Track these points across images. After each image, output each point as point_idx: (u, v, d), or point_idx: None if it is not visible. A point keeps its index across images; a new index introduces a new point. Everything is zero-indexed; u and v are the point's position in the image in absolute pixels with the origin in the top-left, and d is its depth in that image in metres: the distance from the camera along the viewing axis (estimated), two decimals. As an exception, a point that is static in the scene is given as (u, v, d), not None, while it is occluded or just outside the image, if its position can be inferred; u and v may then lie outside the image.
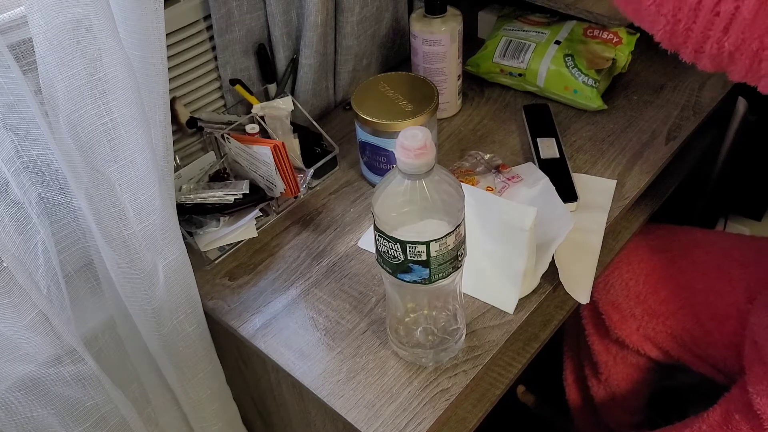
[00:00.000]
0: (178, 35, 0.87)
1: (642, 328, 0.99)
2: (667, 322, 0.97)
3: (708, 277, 0.94)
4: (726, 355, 0.92)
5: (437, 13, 0.97)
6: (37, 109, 0.62)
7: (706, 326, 0.93)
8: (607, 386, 1.10)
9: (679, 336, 0.96)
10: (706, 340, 0.94)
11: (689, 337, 0.95)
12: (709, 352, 0.94)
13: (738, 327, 0.90)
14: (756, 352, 0.79)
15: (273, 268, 0.86)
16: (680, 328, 0.96)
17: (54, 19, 0.56)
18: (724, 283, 0.93)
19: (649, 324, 0.98)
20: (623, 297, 1.00)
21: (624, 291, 1.00)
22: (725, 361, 0.93)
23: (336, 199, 0.94)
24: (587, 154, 0.96)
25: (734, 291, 0.91)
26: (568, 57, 1.02)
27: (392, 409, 0.70)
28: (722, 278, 0.93)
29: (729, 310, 0.91)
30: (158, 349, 0.82)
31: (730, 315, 0.91)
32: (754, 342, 0.81)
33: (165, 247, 0.75)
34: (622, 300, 1.00)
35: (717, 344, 0.93)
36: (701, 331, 0.94)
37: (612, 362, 1.06)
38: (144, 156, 0.67)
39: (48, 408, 0.73)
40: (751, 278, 0.91)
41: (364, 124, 0.89)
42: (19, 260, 0.62)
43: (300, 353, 0.76)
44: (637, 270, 1.00)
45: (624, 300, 1.00)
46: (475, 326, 0.77)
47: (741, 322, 0.89)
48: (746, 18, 0.54)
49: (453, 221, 0.63)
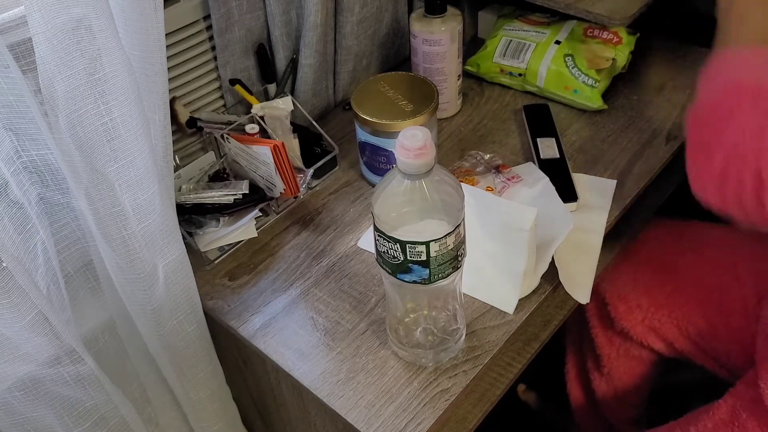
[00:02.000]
0: (178, 35, 0.87)
1: (647, 319, 0.99)
2: (673, 314, 0.97)
3: (716, 273, 0.94)
4: (730, 350, 0.92)
5: (437, 13, 0.97)
6: (36, 109, 0.62)
7: (712, 320, 0.93)
8: (609, 380, 1.10)
9: (685, 328, 0.96)
10: (711, 333, 0.94)
11: (694, 330, 0.95)
12: (714, 346, 0.94)
13: (744, 322, 0.90)
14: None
15: (273, 268, 0.86)
16: (686, 320, 0.96)
17: (54, 19, 0.56)
18: (731, 278, 0.93)
19: (655, 315, 0.98)
20: (630, 288, 1.00)
21: (631, 282, 1.00)
22: (729, 355, 0.93)
23: (336, 199, 0.94)
24: (587, 154, 0.96)
25: (742, 287, 0.91)
26: (568, 57, 1.02)
27: (392, 410, 0.70)
28: (729, 273, 0.93)
29: (736, 305, 0.91)
30: (158, 349, 0.82)
31: (737, 310, 0.91)
32: (766, 335, 0.80)
33: (165, 247, 0.75)
34: (629, 291, 1.00)
35: (722, 338, 0.93)
36: (707, 324, 0.94)
37: (615, 355, 1.07)
38: (144, 156, 0.67)
39: (48, 408, 0.73)
40: (760, 275, 0.91)
41: (363, 124, 0.89)
42: (18, 260, 0.62)
43: (300, 353, 0.76)
44: (645, 263, 1.01)
45: (631, 291, 1.00)
46: (475, 326, 0.77)
47: (747, 317, 0.89)
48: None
49: (453, 221, 0.63)
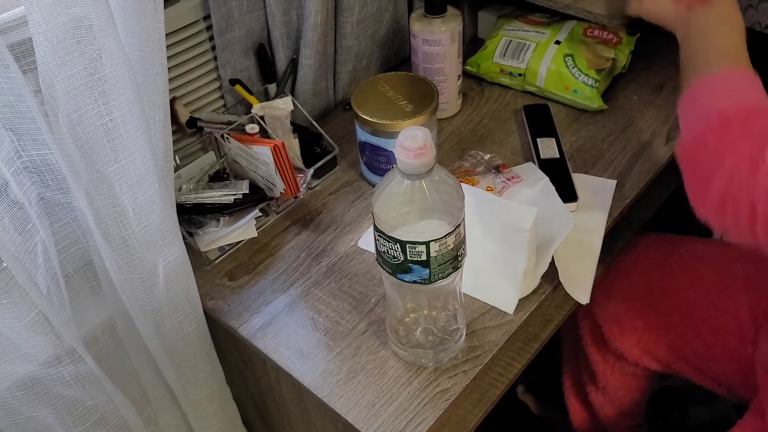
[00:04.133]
0: (178, 35, 0.87)
1: (642, 341, 0.98)
2: (667, 335, 0.96)
3: (709, 292, 0.93)
4: (728, 369, 0.91)
5: (437, 13, 0.97)
6: (37, 109, 0.62)
7: (707, 340, 0.92)
8: (605, 393, 1.09)
9: (680, 350, 0.95)
10: (707, 354, 0.93)
11: (690, 351, 0.94)
12: (710, 366, 0.93)
13: (739, 342, 0.89)
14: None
15: (273, 268, 0.86)
16: (681, 341, 0.95)
17: (54, 19, 0.56)
18: (725, 297, 0.92)
19: (650, 337, 0.97)
20: (623, 310, 0.99)
21: (624, 304, 1.00)
22: (726, 374, 0.92)
23: (336, 199, 0.94)
24: (587, 154, 0.96)
25: (736, 305, 0.90)
26: (568, 57, 1.02)
27: (392, 410, 0.70)
28: (723, 292, 0.92)
29: (730, 324, 0.90)
30: (158, 350, 0.82)
31: (732, 330, 0.90)
32: (766, 371, 0.80)
33: (165, 247, 0.75)
34: (622, 313, 0.99)
35: (718, 358, 0.92)
36: (702, 345, 0.93)
37: (610, 372, 1.06)
38: (144, 156, 0.67)
39: (48, 408, 0.73)
40: (753, 294, 0.89)
41: (364, 124, 0.89)
42: (18, 260, 0.62)
43: (300, 353, 0.76)
44: (636, 284, 1.00)
45: (624, 313, 0.99)
46: (475, 326, 0.77)
47: (743, 337, 0.88)
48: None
49: (453, 221, 0.63)
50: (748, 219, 0.62)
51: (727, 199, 0.63)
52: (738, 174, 0.62)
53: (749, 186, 0.61)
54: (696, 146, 0.68)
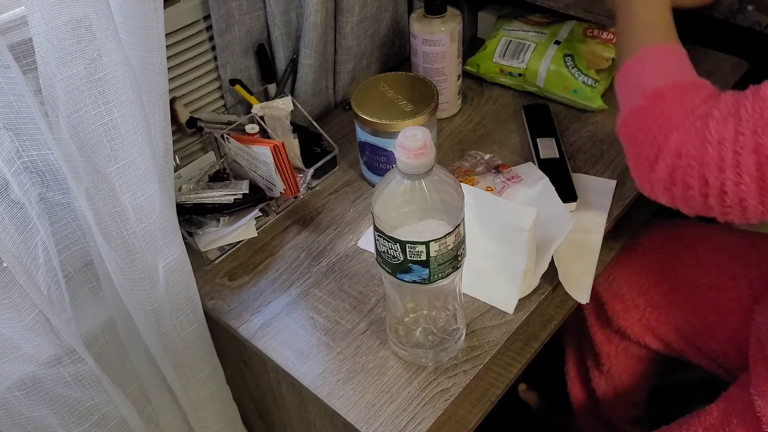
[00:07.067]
0: (178, 35, 0.87)
1: (644, 318, 0.99)
2: (669, 313, 0.97)
3: (711, 273, 0.95)
4: (727, 350, 0.93)
5: (437, 13, 0.97)
6: (37, 109, 0.62)
7: (709, 320, 0.94)
8: (608, 378, 1.10)
9: (681, 328, 0.97)
10: (707, 333, 0.94)
11: (691, 330, 0.96)
12: (711, 346, 0.95)
13: (740, 323, 0.90)
14: (761, 351, 0.79)
15: (273, 268, 0.86)
16: (682, 320, 0.96)
17: (54, 19, 0.56)
18: (726, 279, 0.93)
19: (652, 315, 0.98)
20: (626, 288, 1.01)
21: (627, 283, 1.01)
22: (726, 355, 0.93)
23: (336, 199, 0.94)
24: (587, 154, 0.96)
25: (737, 287, 0.92)
26: (568, 57, 1.02)
27: (392, 409, 0.70)
28: (725, 274, 0.94)
29: (731, 305, 0.92)
30: (158, 350, 0.82)
31: (733, 310, 0.91)
32: (758, 341, 0.81)
33: (165, 248, 0.75)
34: (625, 291, 1.01)
35: (718, 338, 0.93)
36: (703, 324, 0.94)
37: (614, 353, 1.07)
38: (144, 156, 0.67)
39: (48, 408, 0.73)
40: (754, 275, 0.91)
41: (363, 124, 0.89)
42: (19, 260, 0.62)
43: (300, 353, 0.76)
44: (640, 264, 1.01)
45: (627, 291, 1.00)
46: (475, 326, 0.77)
47: (743, 318, 0.90)
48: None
49: (453, 221, 0.63)
50: (701, 193, 0.64)
51: (676, 175, 0.65)
52: (687, 151, 0.63)
53: (700, 162, 0.63)
54: (634, 122, 0.69)
